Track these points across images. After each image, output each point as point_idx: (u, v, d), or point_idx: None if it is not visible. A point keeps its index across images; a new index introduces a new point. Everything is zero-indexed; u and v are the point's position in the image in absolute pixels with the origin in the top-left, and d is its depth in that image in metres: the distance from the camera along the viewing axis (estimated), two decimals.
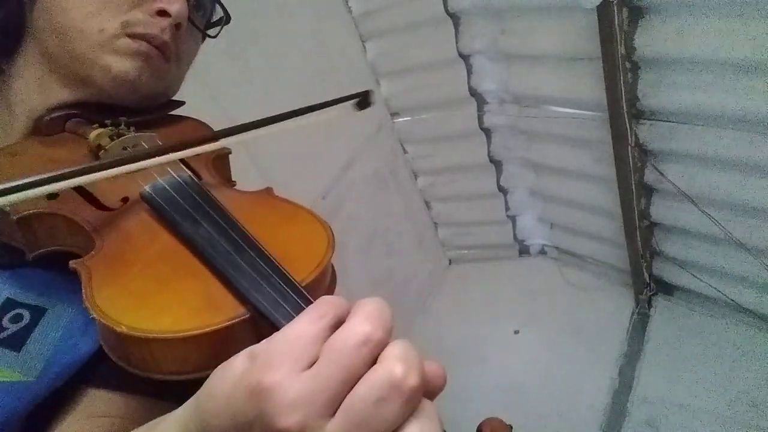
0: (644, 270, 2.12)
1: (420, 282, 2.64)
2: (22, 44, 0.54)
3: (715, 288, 1.91)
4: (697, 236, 1.86)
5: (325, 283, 0.40)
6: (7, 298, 0.44)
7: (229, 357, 0.33)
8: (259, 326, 0.34)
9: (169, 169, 0.45)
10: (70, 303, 0.45)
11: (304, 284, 0.36)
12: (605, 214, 2.08)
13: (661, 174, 1.77)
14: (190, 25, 0.56)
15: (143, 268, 0.38)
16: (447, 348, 2.40)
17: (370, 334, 0.28)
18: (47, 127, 0.51)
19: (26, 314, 0.44)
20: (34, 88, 0.53)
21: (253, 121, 0.41)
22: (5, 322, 0.43)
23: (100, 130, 0.49)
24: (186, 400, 0.44)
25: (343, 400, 0.26)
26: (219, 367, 0.30)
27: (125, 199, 0.44)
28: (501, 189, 2.41)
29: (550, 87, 1.88)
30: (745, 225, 1.66)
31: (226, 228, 0.39)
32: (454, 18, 1.94)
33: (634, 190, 1.85)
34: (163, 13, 0.52)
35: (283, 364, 0.27)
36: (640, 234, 1.98)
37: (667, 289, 2.20)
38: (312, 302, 0.32)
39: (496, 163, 2.33)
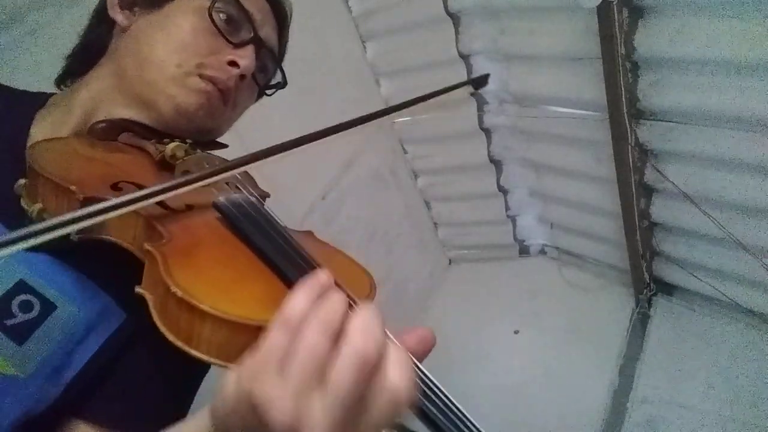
0: (644, 270, 2.12)
1: (420, 282, 2.64)
2: (100, 60, 0.62)
3: (715, 288, 1.91)
4: (697, 236, 1.86)
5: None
6: (21, 280, 0.44)
7: None
8: None
9: (238, 186, 0.52)
10: (79, 305, 0.46)
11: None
12: (605, 214, 2.08)
13: (661, 174, 1.77)
14: (251, 80, 0.63)
15: (217, 263, 0.41)
16: (447, 348, 2.40)
17: (328, 324, 0.32)
18: (102, 133, 0.56)
19: (36, 305, 0.44)
20: (98, 98, 0.59)
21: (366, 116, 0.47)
22: (14, 307, 0.43)
23: (178, 143, 0.55)
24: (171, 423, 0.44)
25: (321, 376, 0.31)
26: (218, 389, 0.34)
27: (190, 206, 0.48)
28: (501, 189, 2.41)
29: (550, 87, 1.88)
30: (745, 225, 1.66)
31: (289, 239, 0.44)
32: (454, 18, 1.94)
33: (634, 190, 1.85)
34: (233, 63, 0.59)
35: (268, 367, 0.31)
36: (640, 234, 1.98)
37: (667, 289, 2.20)
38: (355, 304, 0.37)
39: (496, 163, 2.33)
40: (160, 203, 0.46)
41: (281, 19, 0.68)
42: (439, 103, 2.31)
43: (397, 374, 0.32)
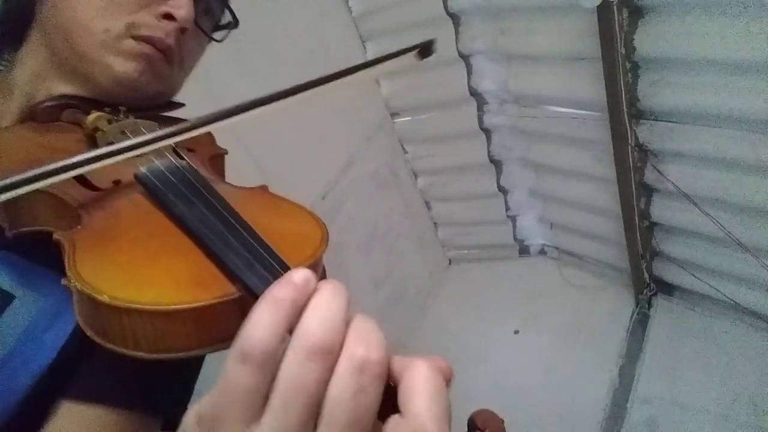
0: (644, 270, 2.12)
1: (420, 282, 2.64)
2: (28, 35, 0.55)
3: (715, 288, 1.91)
4: (697, 236, 1.86)
5: (317, 275, 0.39)
6: None
7: (213, 338, 0.32)
8: (248, 307, 0.31)
9: (167, 154, 0.44)
10: (40, 293, 0.44)
11: None
12: (605, 214, 2.08)
13: (661, 174, 1.77)
14: (195, 28, 0.56)
15: (132, 243, 0.37)
16: (447, 348, 2.40)
17: (316, 348, 0.25)
18: (43, 114, 0.51)
19: None
20: (35, 78, 0.54)
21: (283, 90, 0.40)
22: None
23: (99, 113, 0.49)
24: (165, 411, 0.41)
25: (317, 413, 0.25)
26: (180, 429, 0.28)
27: (117, 181, 0.43)
28: (501, 189, 2.41)
29: (550, 87, 1.88)
30: (745, 225, 1.66)
31: (220, 210, 0.38)
32: (454, 18, 1.94)
33: (634, 190, 1.85)
34: (169, 16, 0.52)
35: (234, 420, 0.24)
36: (640, 234, 1.98)
37: (667, 289, 2.20)
38: None
39: (496, 163, 2.33)
40: (82, 182, 0.43)
41: None
42: (437, 104, 2.30)
43: (416, 405, 0.25)
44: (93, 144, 0.48)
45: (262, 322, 0.25)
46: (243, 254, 0.34)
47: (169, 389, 0.45)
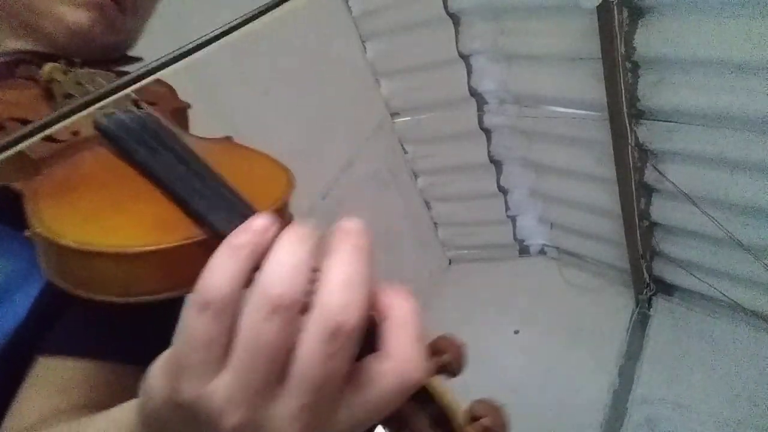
0: (644, 270, 2.12)
1: (420, 282, 2.64)
2: None
3: (715, 288, 1.91)
4: (697, 236, 1.86)
5: (284, 220, 0.38)
6: None
7: (180, 281, 0.31)
8: (214, 250, 0.30)
9: (128, 106, 0.43)
10: (6, 256, 0.44)
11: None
12: (605, 214, 2.08)
13: (661, 174, 1.77)
14: None
15: (94, 191, 0.36)
16: None
17: (276, 302, 0.22)
18: None
19: None
20: None
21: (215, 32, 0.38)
22: None
23: (54, 64, 0.48)
24: (143, 362, 0.41)
25: (282, 370, 0.23)
26: (142, 386, 0.27)
27: (76, 132, 0.43)
28: (501, 189, 2.41)
29: (550, 87, 1.88)
30: (745, 225, 1.66)
31: (184, 155, 0.38)
32: (454, 18, 1.94)
33: (634, 190, 1.85)
34: None
35: (194, 372, 0.23)
36: (640, 234, 1.98)
37: (667, 289, 2.20)
38: None
39: (496, 163, 2.33)
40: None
41: None
42: (437, 104, 2.30)
43: (399, 342, 0.24)
44: (50, 97, 0.47)
45: (219, 269, 0.24)
46: (207, 196, 0.33)
47: (145, 340, 0.43)
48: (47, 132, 0.31)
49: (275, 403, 0.23)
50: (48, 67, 0.47)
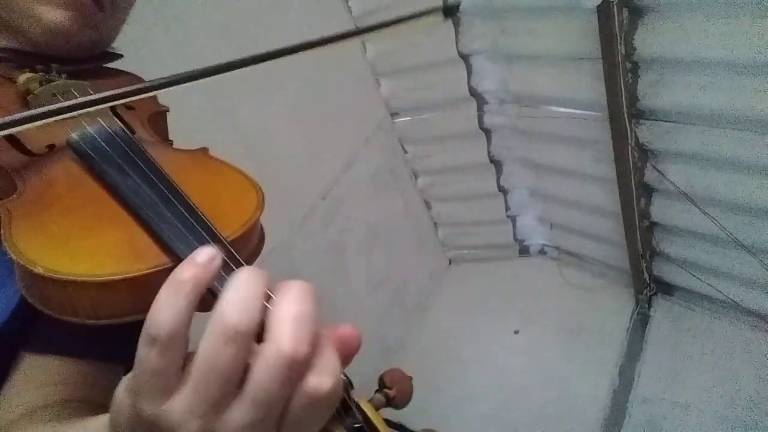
0: (644, 270, 2.12)
1: (420, 282, 2.64)
2: None
3: (715, 288, 1.91)
4: (697, 236, 1.86)
5: (252, 241, 0.40)
6: None
7: (148, 303, 0.31)
8: None
9: (99, 119, 0.43)
10: None
11: (230, 240, 0.35)
12: (605, 214, 2.08)
13: (661, 174, 1.77)
14: None
15: (65, 213, 0.37)
16: (447, 348, 2.40)
17: (234, 330, 0.25)
18: None
19: None
20: None
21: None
22: None
23: (30, 74, 0.48)
24: (125, 361, 0.41)
25: (233, 391, 0.26)
26: (111, 402, 0.29)
27: (51, 146, 0.43)
28: (501, 189, 2.41)
29: (550, 87, 1.88)
30: (745, 225, 1.66)
31: (154, 179, 0.38)
32: (454, 18, 1.94)
33: (634, 190, 1.85)
34: None
35: (150, 394, 0.26)
36: (640, 234, 1.98)
37: (667, 289, 2.20)
38: (236, 256, 0.32)
39: (496, 163, 2.33)
40: (16, 146, 0.42)
41: None
42: (437, 104, 2.30)
43: (322, 378, 0.26)
44: (25, 105, 0.47)
45: (165, 304, 0.26)
46: (175, 225, 0.34)
47: (126, 339, 0.45)
48: (7, 131, 0.31)
49: (228, 416, 0.26)
50: (24, 77, 0.47)
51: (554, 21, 1.70)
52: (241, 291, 0.26)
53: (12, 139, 0.43)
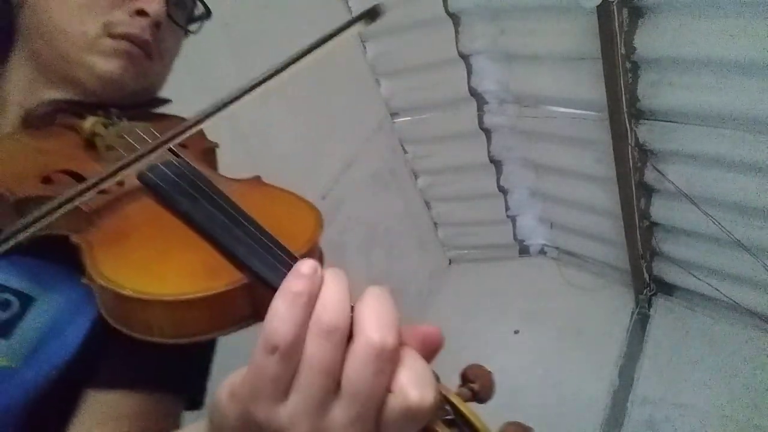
0: (644, 270, 2.12)
1: (420, 282, 2.64)
2: (12, 50, 0.57)
3: (715, 288, 1.91)
4: (697, 236, 1.86)
5: (314, 258, 0.41)
6: None
7: (226, 321, 0.35)
8: (256, 291, 0.35)
9: (165, 153, 0.46)
10: (59, 292, 0.46)
11: (298, 255, 0.37)
12: (605, 214, 2.08)
13: (661, 174, 1.77)
14: (170, 22, 0.57)
15: (143, 241, 0.39)
16: (447, 348, 2.38)
17: (333, 326, 0.28)
18: (38, 121, 0.52)
19: (15, 301, 0.45)
20: (24, 88, 0.55)
21: (251, 83, 0.41)
22: None
23: (95, 118, 0.50)
24: (184, 390, 0.44)
25: (335, 390, 0.27)
26: (211, 406, 0.31)
27: (121, 183, 0.45)
28: (501, 189, 2.41)
29: (550, 87, 1.88)
30: (745, 225, 1.66)
31: (222, 204, 0.41)
32: (454, 18, 1.94)
33: (634, 190, 1.85)
34: (142, 12, 0.53)
35: (265, 399, 0.28)
36: (640, 234, 1.98)
37: (667, 289, 2.20)
38: None
39: (496, 163, 2.33)
40: None
41: None
42: (437, 104, 2.29)
43: (416, 390, 0.28)
44: (92, 148, 0.50)
45: (284, 315, 0.28)
46: (247, 243, 0.36)
47: (186, 372, 0.49)
48: (100, 187, 0.34)
49: (332, 415, 0.27)
50: (89, 121, 0.50)
51: (554, 21, 1.70)
52: (332, 292, 0.29)
53: (81, 179, 0.45)
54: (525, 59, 1.89)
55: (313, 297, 0.28)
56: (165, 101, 0.63)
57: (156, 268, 0.37)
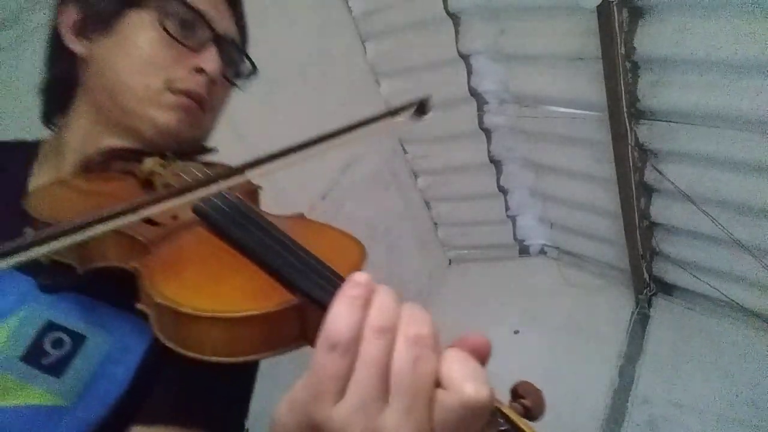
0: (644, 270, 2.12)
1: (420, 282, 2.64)
2: (74, 99, 0.62)
3: (715, 288, 1.91)
4: (697, 236, 1.86)
5: None
6: (49, 321, 0.48)
7: (276, 341, 0.37)
8: (306, 312, 0.37)
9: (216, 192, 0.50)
10: (109, 331, 0.49)
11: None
12: (605, 214, 2.08)
13: (661, 174, 1.77)
14: (222, 78, 0.62)
15: (198, 266, 0.42)
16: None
17: (383, 325, 0.31)
18: (94, 166, 0.57)
19: (67, 340, 0.47)
20: (84, 135, 0.60)
21: (301, 143, 0.46)
22: (47, 346, 0.47)
23: (153, 158, 0.55)
24: (224, 427, 0.47)
25: (386, 382, 0.30)
26: (270, 424, 0.32)
27: (175, 216, 0.49)
28: (501, 189, 2.41)
29: (550, 87, 1.88)
30: (745, 225, 1.66)
31: (272, 232, 0.44)
32: (454, 18, 1.94)
33: (634, 190, 1.85)
34: (201, 70, 0.58)
35: (325, 398, 0.29)
36: (640, 234, 1.98)
37: (667, 289, 2.20)
38: None
39: (496, 163, 2.33)
40: (146, 220, 0.47)
41: (234, 5, 0.66)
42: (437, 104, 2.29)
43: (473, 384, 0.31)
44: (149, 187, 0.54)
45: (343, 315, 0.30)
46: (297, 266, 0.39)
47: (226, 409, 0.51)
48: (156, 209, 0.37)
49: (386, 412, 0.29)
50: (149, 161, 0.54)
51: (554, 21, 1.70)
52: (384, 298, 0.32)
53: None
54: (525, 59, 1.89)
55: (368, 301, 0.31)
56: (211, 149, 0.68)
57: (211, 288, 0.39)
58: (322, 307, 0.34)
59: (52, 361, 0.46)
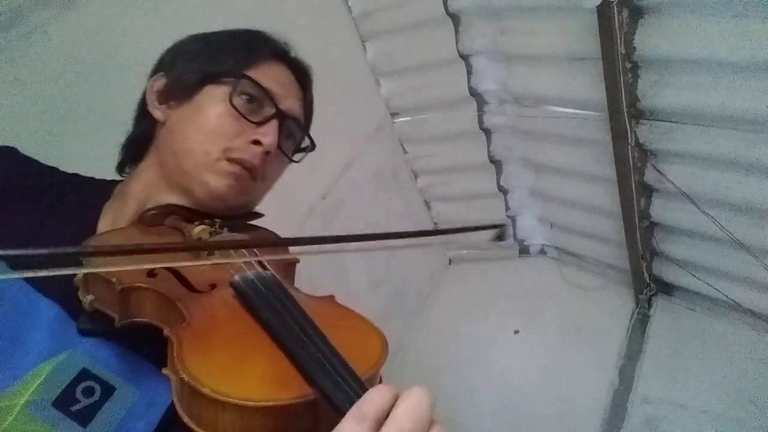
0: (644, 270, 2.12)
1: (420, 282, 2.64)
2: (147, 154, 0.68)
3: (715, 288, 1.91)
4: (697, 236, 1.86)
5: (376, 381, 0.45)
6: (84, 368, 0.50)
7: (289, 430, 0.38)
8: (320, 407, 0.38)
9: (255, 265, 0.53)
10: (137, 384, 0.51)
11: (363, 378, 0.40)
12: (605, 214, 2.08)
13: (661, 174, 1.77)
14: (278, 151, 0.66)
15: (226, 343, 0.43)
16: (447, 348, 2.40)
17: (366, 414, 0.33)
18: (150, 219, 0.61)
19: (97, 389, 0.49)
20: (147, 189, 0.65)
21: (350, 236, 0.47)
22: (78, 393, 0.48)
23: (203, 226, 0.59)
24: None
25: None
26: None
27: (213, 285, 0.51)
28: (501, 189, 2.41)
29: (550, 87, 1.88)
30: (745, 225, 1.66)
31: (300, 320, 0.45)
32: (454, 18, 1.94)
33: (634, 190, 1.85)
34: (257, 142, 0.63)
35: None
36: (640, 234, 1.98)
37: (667, 289, 2.20)
38: (366, 389, 0.37)
39: (496, 163, 2.33)
40: (184, 284, 0.51)
41: (304, 84, 0.74)
42: (437, 104, 2.30)
43: None
44: (195, 254, 0.56)
45: None
46: (319, 361, 0.40)
47: None
48: (178, 262, 0.41)
49: None
50: (198, 228, 0.58)
51: (554, 21, 1.70)
52: (375, 396, 0.34)
53: (181, 278, 0.51)
54: (525, 59, 1.89)
55: (379, 422, 0.33)
56: (259, 215, 0.72)
57: (234, 371, 0.40)
58: (336, 408, 0.36)
59: (81, 408, 0.47)
